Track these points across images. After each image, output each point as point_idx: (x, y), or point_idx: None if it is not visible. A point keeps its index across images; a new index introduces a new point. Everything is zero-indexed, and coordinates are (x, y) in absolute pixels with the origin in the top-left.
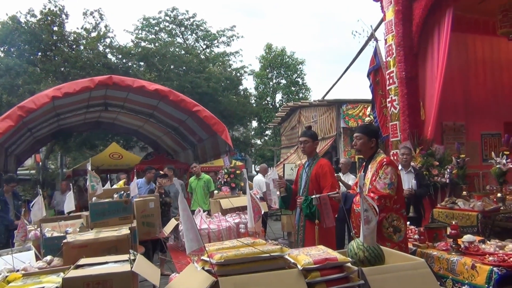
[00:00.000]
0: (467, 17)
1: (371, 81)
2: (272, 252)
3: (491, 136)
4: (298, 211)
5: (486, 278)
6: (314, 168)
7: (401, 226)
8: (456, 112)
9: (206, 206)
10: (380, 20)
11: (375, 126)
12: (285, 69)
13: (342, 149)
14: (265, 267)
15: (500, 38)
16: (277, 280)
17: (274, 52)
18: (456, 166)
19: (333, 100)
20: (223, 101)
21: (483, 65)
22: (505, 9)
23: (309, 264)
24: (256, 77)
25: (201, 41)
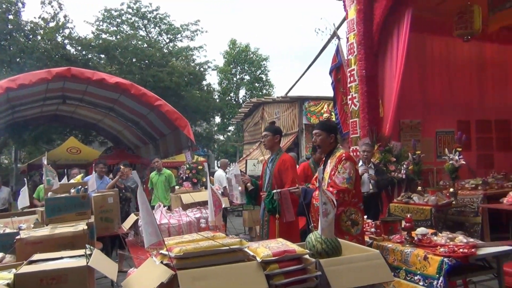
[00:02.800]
0: (426, 18)
1: (333, 78)
2: (231, 245)
3: (445, 134)
4: (263, 206)
5: (437, 268)
6: (277, 164)
7: (359, 219)
8: (413, 110)
9: (167, 201)
10: (343, 19)
11: (333, 122)
12: (249, 65)
13: (304, 145)
14: (225, 260)
15: (456, 39)
16: (236, 273)
17: (238, 48)
18: (412, 162)
19: (296, 96)
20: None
21: (439, 65)
22: (461, 12)
23: (268, 256)
24: (220, 72)
25: (165, 35)
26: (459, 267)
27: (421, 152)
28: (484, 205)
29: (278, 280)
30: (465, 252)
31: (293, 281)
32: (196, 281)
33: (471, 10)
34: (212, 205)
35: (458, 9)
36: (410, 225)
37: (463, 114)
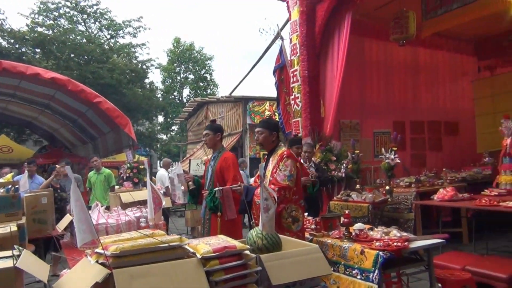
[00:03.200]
0: (365, 22)
1: (277, 78)
2: (170, 242)
3: (382, 134)
4: (204, 205)
5: (373, 261)
6: (218, 162)
7: (299, 216)
8: (353, 111)
9: (105, 202)
10: (286, 20)
11: (275, 121)
12: (193, 64)
13: (248, 145)
14: (164, 258)
15: (392, 44)
16: (175, 270)
17: (183, 46)
18: (351, 161)
19: (240, 96)
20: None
21: (377, 68)
22: (397, 17)
23: (208, 252)
24: (163, 71)
25: (105, 31)
26: (393, 260)
27: (360, 151)
28: (416, 201)
29: (218, 276)
30: (398, 245)
31: (233, 276)
32: (133, 279)
33: (406, 16)
34: (152, 202)
35: (394, 15)
36: (348, 221)
37: (398, 115)
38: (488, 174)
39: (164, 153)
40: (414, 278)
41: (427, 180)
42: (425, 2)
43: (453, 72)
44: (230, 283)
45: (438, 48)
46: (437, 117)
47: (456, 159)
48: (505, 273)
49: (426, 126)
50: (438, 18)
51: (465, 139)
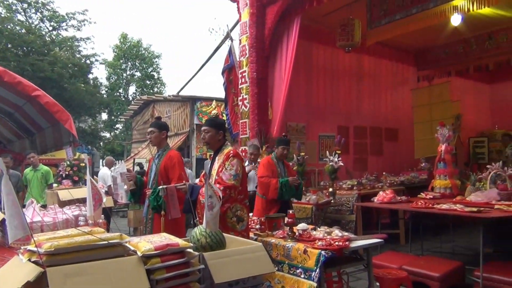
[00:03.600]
0: (313, 27)
1: (225, 79)
2: (110, 240)
3: (327, 138)
4: (147, 204)
5: (315, 260)
6: (163, 160)
7: (244, 216)
8: (299, 114)
9: (42, 200)
10: (236, 21)
11: (222, 119)
12: (141, 62)
13: (195, 146)
14: (103, 256)
15: (338, 50)
16: (114, 268)
17: (130, 42)
18: (296, 163)
19: (188, 96)
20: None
21: (324, 73)
22: (344, 24)
23: (150, 250)
24: (109, 67)
25: (47, 22)
26: (334, 259)
27: (305, 154)
28: (358, 203)
29: (160, 274)
30: (340, 245)
31: (175, 275)
32: (68, 278)
33: (352, 24)
34: (91, 199)
35: (341, 22)
36: (292, 221)
37: (343, 120)
38: (424, 178)
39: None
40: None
41: (368, 183)
42: (370, 11)
43: (395, 81)
44: (171, 282)
45: (382, 56)
46: (379, 123)
47: (395, 164)
48: (437, 272)
49: (368, 132)
50: (382, 28)
51: (404, 145)
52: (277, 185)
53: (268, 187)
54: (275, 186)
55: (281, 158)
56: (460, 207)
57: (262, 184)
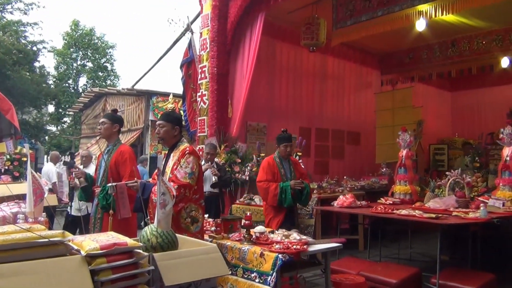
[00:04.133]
0: (277, 24)
1: (184, 73)
2: (51, 237)
3: None
4: (95, 202)
5: (272, 264)
6: (113, 155)
7: (199, 216)
8: (260, 113)
9: None
10: (198, 13)
11: (178, 114)
12: (93, 52)
13: (149, 143)
14: (43, 255)
15: (303, 49)
16: (54, 268)
17: (82, 30)
18: (256, 164)
19: (143, 90)
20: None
21: (287, 72)
22: (308, 23)
23: (95, 249)
24: (58, 55)
25: None
26: (291, 263)
27: (266, 155)
28: (317, 207)
29: (105, 275)
30: (297, 248)
31: (122, 276)
32: (2, 278)
33: (317, 23)
34: (32, 193)
35: (306, 20)
36: (249, 223)
37: (305, 121)
38: (384, 183)
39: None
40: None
41: (328, 187)
42: (336, 11)
43: (359, 83)
44: (118, 284)
45: (346, 58)
46: (341, 126)
47: (356, 168)
48: (395, 278)
49: (330, 134)
50: (347, 29)
51: (366, 149)
52: (277, 190)
53: (267, 193)
54: (274, 192)
55: (285, 157)
56: (419, 213)
57: (260, 190)
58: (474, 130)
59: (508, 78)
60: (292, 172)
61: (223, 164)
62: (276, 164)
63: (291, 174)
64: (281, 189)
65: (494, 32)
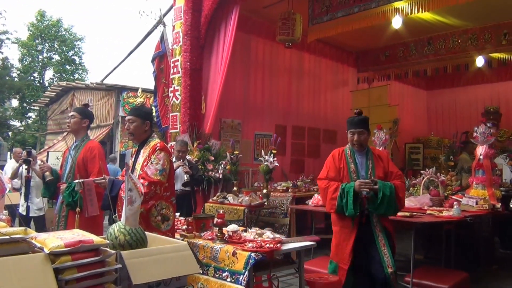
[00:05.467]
0: (252, 19)
1: (155, 67)
2: (12, 234)
3: (264, 137)
4: (60, 200)
5: (244, 263)
6: (81, 151)
7: (170, 214)
8: (235, 110)
9: None
10: (171, 6)
11: (148, 108)
12: (60, 44)
13: (119, 140)
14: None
15: (279, 45)
16: (16, 266)
17: (48, 21)
18: (229, 162)
19: (113, 85)
20: None
21: (262, 68)
22: (284, 18)
23: (59, 247)
24: (22, 47)
25: None
26: (265, 263)
27: (239, 152)
28: (292, 206)
29: (70, 274)
30: (271, 247)
31: (87, 275)
32: None
33: (293, 18)
34: None
35: (282, 15)
36: (222, 221)
37: (281, 119)
38: None
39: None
40: (285, 283)
41: (303, 185)
42: (312, 7)
43: (335, 81)
44: (83, 282)
45: (322, 55)
46: (317, 124)
47: None
48: None
49: (306, 132)
50: (323, 25)
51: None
52: (336, 192)
53: (325, 196)
54: (332, 194)
55: (360, 149)
56: None
57: (320, 190)
58: (450, 128)
59: (483, 77)
60: (370, 169)
61: (196, 161)
62: (345, 157)
63: (367, 172)
64: (342, 191)
65: (469, 31)
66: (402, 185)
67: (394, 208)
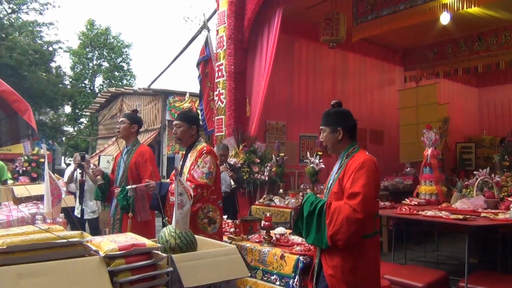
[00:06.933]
0: (296, 20)
1: (200, 72)
2: (69, 238)
3: (309, 138)
4: (114, 203)
5: (293, 267)
6: (133, 156)
7: (217, 217)
8: (279, 112)
9: None
10: (214, 10)
11: (195, 113)
12: (109, 51)
13: (166, 143)
14: (61, 255)
15: (322, 46)
16: (73, 269)
17: (97, 30)
18: (275, 164)
19: (159, 90)
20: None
21: (306, 70)
22: (328, 18)
23: (113, 250)
24: (74, 55)
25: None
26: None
27: (285, 154)
28: None
29: (124, 276)
30: None
31: (141, 277)
32: (21, 278)
33: (337, 18)
34: (49, 194)
35: (326, 16)
36: (269, 224)
37: None
38: (409, 184)
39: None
40: None
41: None
42: (356, 6)
43: (381, 80)
44: (137, 285)
45: (367, 54)
46: (363, 124)
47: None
48: (421, 282)
49: None
50: (368, 23)
51: (389, 148)
52: None
53: None
54: None
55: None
56: (446, 214)
57: None
58: (503, 127)
59: None
60: (332, 181)
61: (241, 164)
62: None
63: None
64: None
65: None
66: (344, 208)
67: (315, 233)
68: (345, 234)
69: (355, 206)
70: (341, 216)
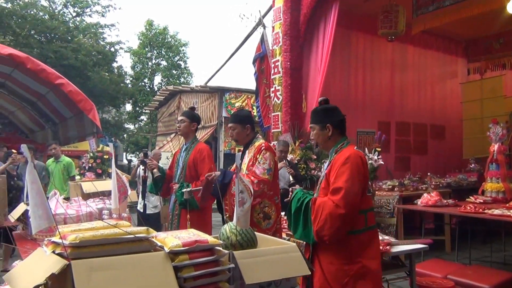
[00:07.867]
0: (352, 14)
1: (256, 68)
2: (136, 233)
3: (366, 134)
4: (173, 199)
5: None
6: (192, 153)
7: (272, 213)
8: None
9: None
10: (270, 7)
11: (246, 111)
12: (167, 50)
13: (223, 140)
14: (128, 250)
15: (380, 39)
16: (140, 263)
17: (155, 30)
18: None
19: (216, 87)
20: (93, 77)
21: (363, 64)
22: (386, 11)
23: (177, 246)
24: (134, 55)
25: (71, 7)
26: None
27: None
28: (399, 205)
29: (188, 272)
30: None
31: (204, 273)
32: (93, 272)
33: (396, 10)
34: (116, 191)
35: (384, 8)
36: None
37: (384, 115)
38: (473, 181)
39: (131, 144)
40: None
41: (410, 184)
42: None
43: (442, 73)
44: (200, 280)
45: (428, 47)
46: (424, 119)
47: (441, 164)
48: (487, 283)
49: (412, 128)
50: (429, 15)
51: (451, 143)
52: None
53: None
54: None
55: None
56: None
57: None
58: None
59: None
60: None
61: (298, 160)
62: None
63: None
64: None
65: None
66: (327, 204)
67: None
68: (330, 230)
69: (337, 201)
70: (325, 212)
